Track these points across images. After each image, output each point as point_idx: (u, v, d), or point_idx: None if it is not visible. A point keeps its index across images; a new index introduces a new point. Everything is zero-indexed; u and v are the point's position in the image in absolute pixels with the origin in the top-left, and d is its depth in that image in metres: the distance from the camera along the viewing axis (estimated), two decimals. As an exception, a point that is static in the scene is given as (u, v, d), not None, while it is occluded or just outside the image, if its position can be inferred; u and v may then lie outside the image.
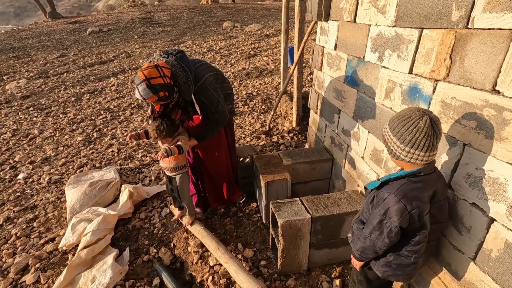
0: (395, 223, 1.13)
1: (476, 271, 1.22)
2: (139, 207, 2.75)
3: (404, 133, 1.10)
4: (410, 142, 1.09)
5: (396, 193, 1.13)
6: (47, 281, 2.08)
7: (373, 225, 1.20)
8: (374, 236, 1.21)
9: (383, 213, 1.16)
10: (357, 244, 1.32)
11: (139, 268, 2.15)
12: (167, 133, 2.03)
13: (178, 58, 1.94)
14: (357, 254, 1.34)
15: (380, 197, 1.20)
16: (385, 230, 1.16)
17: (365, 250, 1.27)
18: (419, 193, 1.12)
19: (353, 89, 2.13)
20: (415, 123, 1.08)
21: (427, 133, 1.07)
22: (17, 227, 2.62)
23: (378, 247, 1.22)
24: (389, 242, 1.18)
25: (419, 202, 1.11)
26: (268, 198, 2.27)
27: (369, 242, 1.24)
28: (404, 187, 1.13)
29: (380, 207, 1.18)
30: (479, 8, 1.10)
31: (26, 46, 9.97)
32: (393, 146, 1.16)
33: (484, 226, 1.15)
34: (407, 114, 1.12)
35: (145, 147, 3.89)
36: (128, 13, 14.72)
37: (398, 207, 1.11)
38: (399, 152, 1.14)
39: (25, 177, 3.39)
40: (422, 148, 1.09)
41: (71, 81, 6.80)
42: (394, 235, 1.15)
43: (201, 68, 2.05)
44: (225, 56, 7.74)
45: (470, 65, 1.16)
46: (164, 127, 2.00)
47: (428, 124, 1.07)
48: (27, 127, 4.74)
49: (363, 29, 1.92)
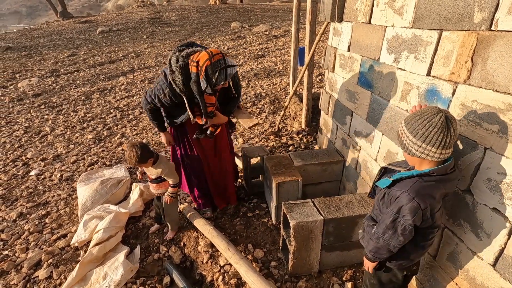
0: (409, 221, 1.13)
1: (496, 278, 1.19)
2: (149, 205, 2.77)
3: (418, 127, 1.10)
4: (423, 136, 1.09)
5: (409, 191, 1.12)
6: (60, 276, 2.11)
7: (386, 224, 1.20)
8: (388, 236, 1.20)
9: (396, 211, 1.16)
10: (369, 245, 1.31)
11: (149, 266, 2.17)
12: (139, 160, 1.95)
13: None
14: (370, 255, 1.32)
15: (392, 195, 1.19)
16: (399, 228, 1.16)
17: (379, 250, 1.27)
18: (432, 191, 1.12)
19: (367, 90, 2.11)
20: (430, 117, 1.08)
21: (440, 128, 1.06)
22: (29, 222, 2.66)
23: (392, 246, 1.21)
24: (403, 240, 1.18)
25: (432, 200, 1.11)
26: (278, 199, 2.27)
27: (383, 242, 1.23)
28: (417, 185, 1.13)
29: (393, 206, 1.17)
30: (503, 9, 1.08)
31: (38, 45, 10.14)
32: (406, 139, 1.16)
33: (506, 232, 1.13)
34: (423, 110, 1.12)
35: (154, 146, 3.91)
36: (137, 13, 14.86)
37: (412, 205, 1.11)
38: (411, 146, 1.14)
39: (37, 173, 3.44)
40: (434, 143, 1.08)
41: (81, 79, 6.89)
42: (408, 233, 1.15)
43: None
44: (233, 57, 7.75)
45: (493, 68, 1.14)
46: (134, 155, 1.93)
47: (443, 121, 1.06)
48: (39, 125, 4.81)
49: (378, 31, 1.90)
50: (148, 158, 2.01)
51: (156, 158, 2.08)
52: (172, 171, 2.15)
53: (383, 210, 1.25)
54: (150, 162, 2.05)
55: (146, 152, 1.99)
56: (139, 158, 1.95)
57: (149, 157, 2.02)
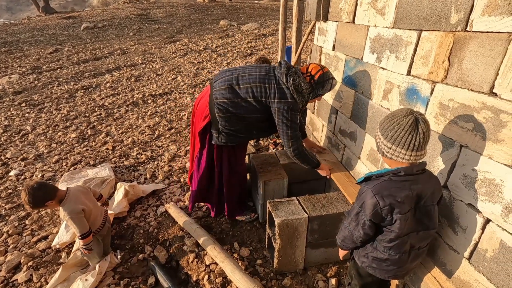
0: (367, 216, 1.18)
1: (471, 271, 1.23)
2: (134, 205, 2.72)
3: (388, 129, 1.14)
4: (392, 139, 1.12)
5: (372, 189, 1.16)
6: (40, 279, 2.05)
7: (351, 216, 1.27)
8: (352, 227, 1.27)
9: (360, 205, 1.22)
10: (340, 233, 1.38)
11: (134, 267, 2.13)
12: (32, 205, 1.75)
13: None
14: (338, 242, 1.40)
15: (360, 190, 1.25)
16: (360, 222, 1.22)
17: (345, 239, 1.34)
18: (396, 192, 1.14)
19: (351, 89, 2.14)
20: (398, 120, 1.11)
21: (408, 131, 1.09)
22: (8, 224, 2.57)
23: (355, 238, 1.27)
24: (363, 234, 1.23)
25: (393, 200, 1.13)
26: (265, 197, 2.27)
27: (348, 232, 1.30)
28: (381, 184, 1.17)
29: (359, 200, 1.23)
30: (478, 11, 1.11)
31: (19, 41, 9.78)
32: (378, 142, 1.20)
33: (480, 227, 1.17)
34: (395, 112, 1.15)
35: (140, 145, 3.85)
36: (124, 10, 14.56)
37: (372, 201, 1.15)
38: (383, 147, 1.18)
39: (17, 174, 3.33)
40: (403, 146, 1.10)
41: (64, 77, 6.70)
42: (367, 227, 1.20)
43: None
44: (222, 55, 7.71)
45: (468, 68, 1.17)
46: (25, 199, 1.73)
47: (411, 123, 1.08)
48: (19, 123, 4.66)
49: (361, 30, 1.93)
50: (45, 201, 1.77)
51: (61, 196, 1.84)
52: (75, 219, 1.82)
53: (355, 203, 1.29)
54: (53, 204, 1.82)
55: (42, 194, 1.75)
56: (32, 202, 1.73)
57: (48, 199, 1.78)
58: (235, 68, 2.02)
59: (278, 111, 1.87)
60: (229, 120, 1.91)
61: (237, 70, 1.97)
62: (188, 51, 8.21)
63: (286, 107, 1.86)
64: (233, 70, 1.98)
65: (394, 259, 1.24)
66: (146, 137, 4.06)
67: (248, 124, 1.98)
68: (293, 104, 1.88)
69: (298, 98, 1.88)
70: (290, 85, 1.85)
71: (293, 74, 1.85)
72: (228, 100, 1.88)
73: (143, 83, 6.24)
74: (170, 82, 6.26)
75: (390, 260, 1.24)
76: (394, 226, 1.17)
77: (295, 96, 1.87)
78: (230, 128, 1.94)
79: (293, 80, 1.84)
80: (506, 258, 1.08)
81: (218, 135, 1.98)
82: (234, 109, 1.89)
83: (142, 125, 4.42)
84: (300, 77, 1.86)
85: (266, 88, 1.87)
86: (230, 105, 1.88)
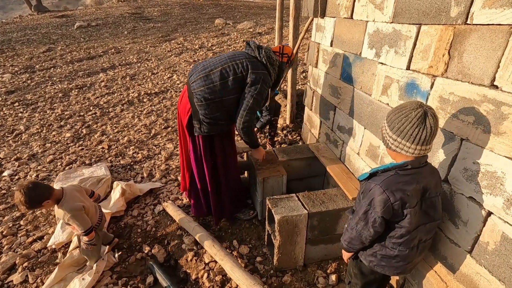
0: (378, 213, 1.15)
1: (473, 264, 1.24)
2: (132, 204, 2.69)
3: (395, 121, 1.12)
4: (398, 131, 1.11)
5: (381, 184, 1.14)
6: (36, 280, 2.01)
7: (359, 215, 1.22)
8: (360, 226, 1.22)
9: (368, 203, 1.18)
10: (345, 235, 1.33)
11: (132, 266, 2.11)
12: (28, 206, 1.69)
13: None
14: (344, 245, 1.35)
15: (367, 187, 1.21)
16: (370, 220, 1.18)
17: (352, 241, 1.29)
18: (404, 186, 1.13)
19: (349, 85, 2.13)
20: (407, 112, 1.09)
21: (416, 124, 1.07)
22: (3, 225, 2.52)
23: (364, 237, 1.23)
24: (373, 232, 1.20)
25: (403, 195, 1.12)
26: (263, 194, 2.26)
27: (356, 232, 1.25)
28: (389, 179, 1.15)
29: (366, 198, 1.20)
30: (478, 4, 1.11)
31: (11, 40, 9.62)
32: (384, 133, 1.18)
33: (481, 220, 1.17)
34: (404, 105, 1.14)
35: (136, 144, 3.81)
36: (118, 8, 14.40)
37: (382, 197, 1.13)
38: (388, 139, 1.16)
39: (11, 174, 3.27)
40: (409, 138, 1.09)
41: (58, 76, 6.60)
42: (378, 225, 1.17)
43: None
44: (217, 53, 7.67)
45: (469, 61, 1.17)
46: (20, 200, 1.66)
47: (419, 116, 1.07)
48: (12, 123, 4.58)
49: (360, 26, 1.92)
50: (42, 200, 1.72)
51: (58, 196, 1.80)
52: (78, 216, 1.80)
53: (360, 201, 1.27)
54: (49, 204, 1.77)
55: (38, 194, 1.69)
56: (28, 203, 1.67)
57: (44, 199, 1.73)
58: (204, 60, 2.13)
59: (250, 82, 1.90)
60: (208, 107, 1.92)
61: (207, 60, 2.05)
62: (183, 50, 8.15)
63: (258, 78, 1.90)
64: (204, 62, 2.06)
65: (404, 254, 1.22)
66: (143, 136, 4.02)
67: (227, 109, 1.99)
68: (265, 76, 1.93)
69: (270, 68, 1.99)
70: (263, 56, 1.96)
71: (264, 47, 2.00)
72: (205, 87, 1.91)
73: (138, 82, 6.18)
74: (166, 80, 6.21)
75: (400, 256, 1.23)
76: (404, 221, 1.15)
77: (268, 67, 1.98)
78: (210, 115, 1.94)
79: (265, 51, 1.97)
80: (508, 251, 1.09)
81: (200, 125, 1.99)
82: (211, 95, 1.91)
83: (138, 124, 4.38)
84: (270, 49, 2.00)
85: (237, 64, 1.92)
86: (207, 92, 1.91)
